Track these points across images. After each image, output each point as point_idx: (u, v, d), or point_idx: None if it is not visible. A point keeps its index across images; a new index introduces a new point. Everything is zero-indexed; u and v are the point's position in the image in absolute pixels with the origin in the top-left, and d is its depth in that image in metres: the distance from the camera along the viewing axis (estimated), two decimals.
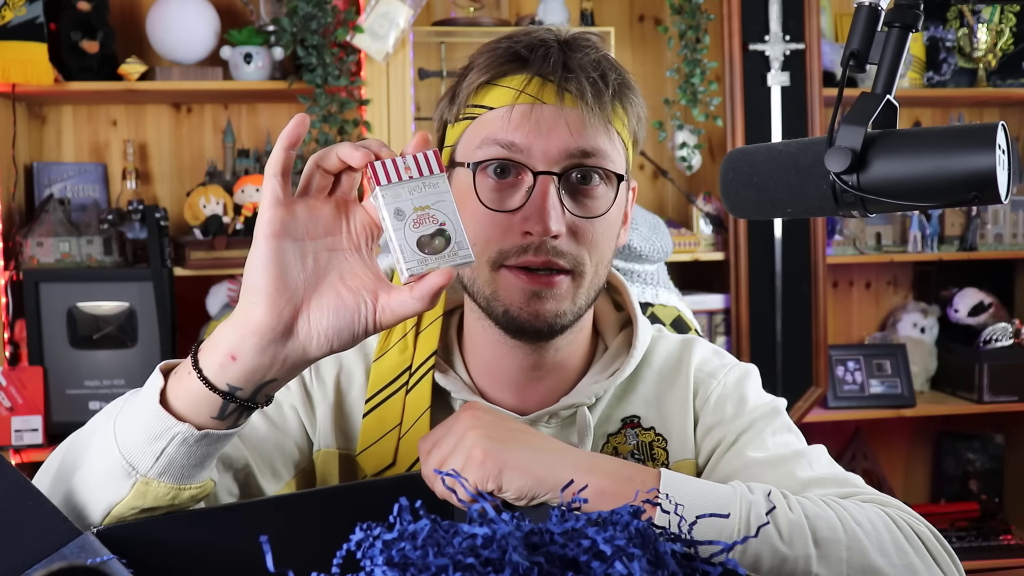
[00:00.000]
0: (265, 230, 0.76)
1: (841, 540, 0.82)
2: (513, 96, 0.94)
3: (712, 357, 1.09)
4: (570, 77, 0.93)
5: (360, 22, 2.48)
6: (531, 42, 0.96)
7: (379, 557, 0.60)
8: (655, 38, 2.97)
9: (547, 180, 0.93)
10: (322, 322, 0.78)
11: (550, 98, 0.94)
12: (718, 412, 1.04)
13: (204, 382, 0.78)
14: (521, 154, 0.94)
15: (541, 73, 0.94)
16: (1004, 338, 2.98)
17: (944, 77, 2.96)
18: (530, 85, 0.94)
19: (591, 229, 0.96)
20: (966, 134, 0.70)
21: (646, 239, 1.35)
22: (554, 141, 0.93)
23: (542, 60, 0.94)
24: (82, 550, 0.74)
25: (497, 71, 0.95)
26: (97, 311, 2.45)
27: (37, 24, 2.37)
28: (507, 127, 0.94)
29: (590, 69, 0.94)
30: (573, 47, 0.96)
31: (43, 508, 0.77)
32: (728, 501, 0.83)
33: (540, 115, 0.93)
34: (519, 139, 0.93)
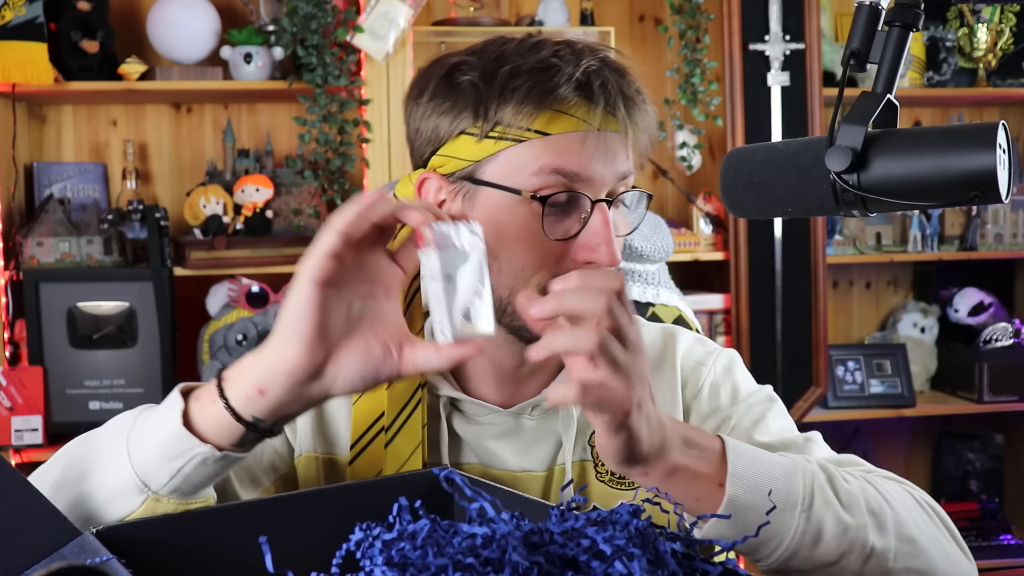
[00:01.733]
0: (313, 276, 0.77)
1: (887, 511, 0.87)
2: (577, 125, 0.92)
3: (696, 346, 1.10)
4: (631, 109, 0.95)
5: (360, 22, 2.48)
6: (588, 70, 0.93)
7: (378, 557, 0.60)
8: (655, 38, 2.97)
9: (604, 207, 0.93)
10: (349, 367, 0.80)
11: (612, 126, 0.94)
12: (713, 400, 1.06)
13: (231, 412, 0.81)
14: (582, 183, 0.93)
15: (606, 102, 0.93)
16: (1004, 338, 2.97)
17: (944, 77, 2.96)
18: (595, 116, 0.93)
19: (621, 241, 0.98)
20: (966, 134, 0.70)
21: (647, 239, 1.35)
22: (615, 169, 0.94)
23: (603, 89, 0.93)
24: (81, 550, 0.74)
25: (554, 97, 0.92)
26: (97, 311, 2.45)
27: (37, 24, 2.37)
28: (573, 158, 0.92)
29: (637, 95, 0.96)
30: (619, 71, 0.96)
31: (43, 508, 0.77)
32: (792, 469, 0.85)
33: (605, 144, 0.93)
34: (584, 168, 0.92)
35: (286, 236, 2.56)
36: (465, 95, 0.94)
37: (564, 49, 0.95)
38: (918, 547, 0.87)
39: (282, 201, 2.61)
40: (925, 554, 0.87)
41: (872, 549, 0.85)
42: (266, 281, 2.56)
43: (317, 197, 2.55)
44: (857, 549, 0.84)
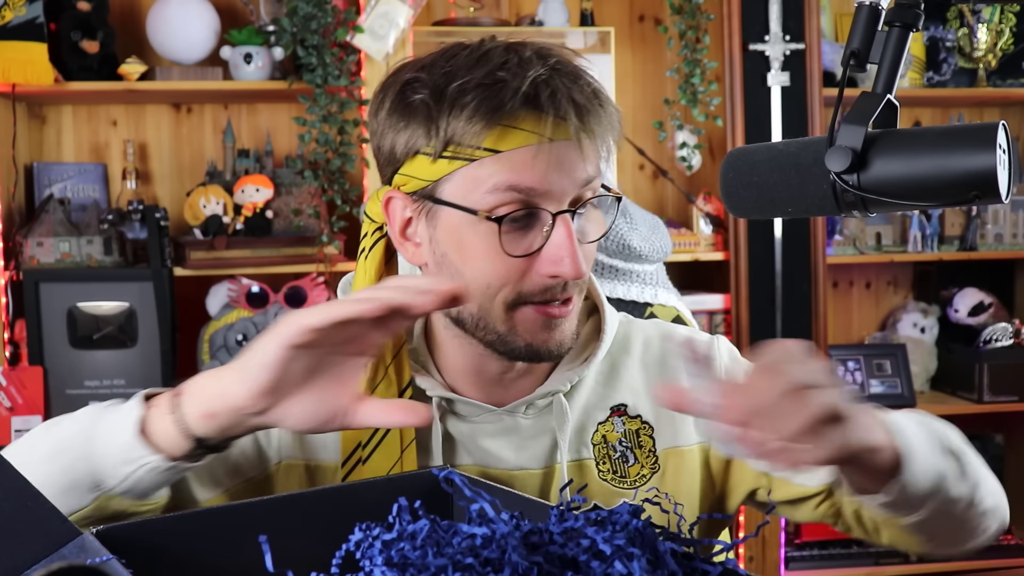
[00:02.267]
0: (288, 341, 0.78)
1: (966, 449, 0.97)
2: (527, 139, 0.90)
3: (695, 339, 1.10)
4: (581, 112, 0.91)
5: (360, 22, 2.48)
6: (536, 81, 0.90)
7: (378, 557, 0.60)
8: (655, 38, 2.97)
9: (566, 219, 0.92)
10: (298, 415, 0.82)
11: (564, 135, 0.90)
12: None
13: (181, 428, 0.83)
14: (539, 197, 0.91)
15: (555, 113, 0.90)
16: (1004, 338, 2.97)
17: (944, 77, 2.96)
18: (545, 127, 0.90)
19: (591, 250, 0.97)
20: (966, 134, 0.70)
21: (646, 239, 1.35)
22: (573, 178, 0.92)
23: (552, 99, 0.90)
24: (81, 550, 0.74)
25: (502, 113, 0.90)
26: (97, 311, 2.45)
27: (37, 24, 2.36)
28: (527, 173, 0.90)
29: (592, 98, 0.92)
30: (570, 76, 0.92)
31: (42, 508, 0.77)
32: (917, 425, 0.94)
33: (559, 155, 0.91)
34: (539, 183, 0.91)
35: (286, 236, 2.56)
36: (417, 114, 0.92)
37: (512, 58, 0.91)
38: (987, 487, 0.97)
39: (282, 201, 2.61)
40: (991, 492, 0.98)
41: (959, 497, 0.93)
42: (266, 281, 2.56)
43: (317, 197, 2.55)
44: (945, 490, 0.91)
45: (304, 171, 2.54)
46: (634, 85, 2.98)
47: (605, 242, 1.32)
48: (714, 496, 1.07)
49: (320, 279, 2.58)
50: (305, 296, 2.57)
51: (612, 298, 1.35)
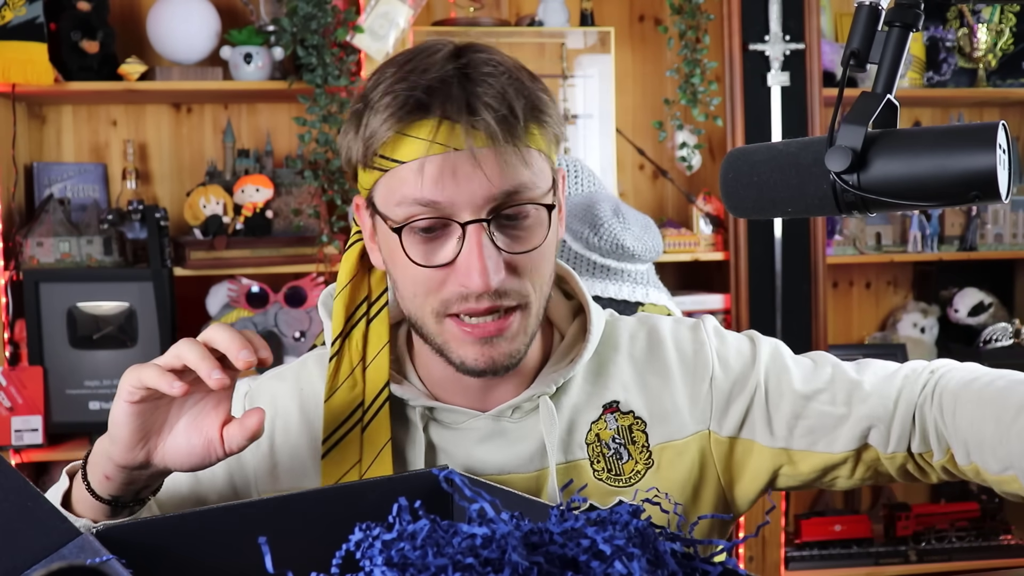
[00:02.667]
0: (125, 398, 0.84)
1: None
2: (423, 148, 0.87)
3: (679, 328, 1.07)
4: (477, 119, 0.86)
5: (360, 22, 2.48)
6: (430, 83, 0.87)
7: (378, 557, 0.59)
8: (655, 38, 2.97)
9: (476, 230, 0.88)
10: (177, 455, 0.88)
11: (460, 143, 0.87)
12: (728, 372, 1.04)
13: (91, 494, 0.89)
14: (443, 209, 0.88)
15: (447, 117, 0.86)
16: (1004, 338, 2.97)
17: (944, 77, 2.96)
18: (438, 134, 0.87)
19: (531, 260, 0.92)
20: (966, 134, 0.70)
21: (638, 239, 1.35)
22: (475, 189, 0.87)
23: (444, 102, 0.87)
24: (81, 550, 0.74)
25: (401, 121, 0.88)
26: (97, 311, 2.45)
27: (37, 24, 2.37)
28: (423, 185, 0.88)
29: (497, 103, 0.87)
30: (475, 79, 0.88)
31: (42, 508, 0.77)
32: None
33: (455, 164, 0.87)
34: (438, 195, 0.87)
35: (286, 236, 2.56)
36: (353, 123, 0.93)
37: (422, 63, 0.89)
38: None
39: (282, 201, 2.61)
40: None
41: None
42: (266, 281, 2.56)
43: (317, 197, 2.55)
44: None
45: (304, 171, 2.54)
46: (634, 85, 2.98)
47: (599, 242, 1.32)
48: (721, 486, 1.05)
49: (320, 279, 2.58)
50: (305, 296, 2.57)
51: (604, 297, 1.35)
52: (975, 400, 0.92)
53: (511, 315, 0.93)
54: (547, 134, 0.93)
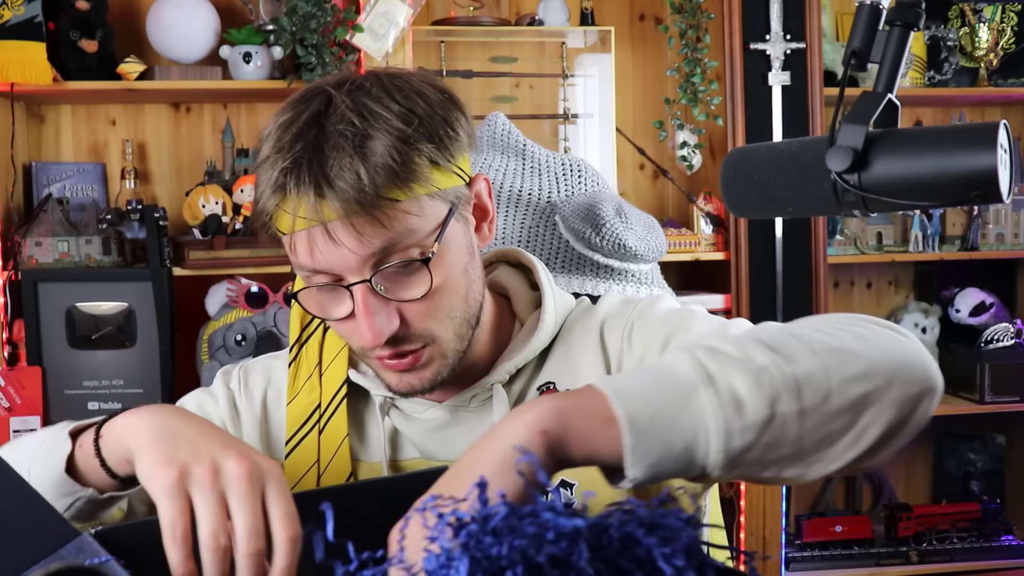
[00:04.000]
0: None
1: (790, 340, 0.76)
2: (290, 223, 0.90)
3: (618, 305, 1.06)
4: (321, 193, 0.87)
5: (360, 21, 2.48)
6: (285, 165, 0.89)
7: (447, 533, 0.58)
8: (655, 37, 2.97)
9: (360, 291, 0.91)
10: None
11: (315, 217, 0.88)
12: (639, 343, 1.01)
13: (106, 470, 0.85)
14: (327, 275, 0.92)
15: (301, 195, 0.88)
16: (1006, 338, 2.97)
17: (945, 76, 2.96)
18: (299, 209, 0.88)
19: (427, 303, 0.93)
20: (967, 133, 0.70)
21: (641, 239, 1.35)
22: (341, 257, 0.89)
23: (296, 183, 0.88)
24: (80, 551, 0.74)
25: (273, 197, 0.91)
26: (96, 311, 2.44)
27: (35, 23, 2.36)
28: (299, 256, 0.92)
29: (339, 179, 0.87)
30: (324, 152, 0.88)
31: (41, 509, 0.76)
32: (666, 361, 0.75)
33: (317, 237, 0.89)
34: (319, 264, 0.91)
35: None
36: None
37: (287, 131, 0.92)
38: (845, 354, 0.75)
39: None
40: (857, 355, 0.75)
41: (797, 379, 0.72)
42: (265, 281, 2.56)
43: None
44: (783, 389, 0.72)
45: None
46: (634, 84, 2.98)
47: (601, 242, 1.32)
48: None
49: None
50: None
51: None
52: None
53: (422, 351, 0.95)
54: (415, 179, 0.90)
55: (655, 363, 0.76)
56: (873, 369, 0.75)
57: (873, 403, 0.74)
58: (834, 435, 0.74)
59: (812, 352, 0.75)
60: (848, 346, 0.76)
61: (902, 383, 0.76)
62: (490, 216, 1.02)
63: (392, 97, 0.93)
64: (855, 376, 0.74)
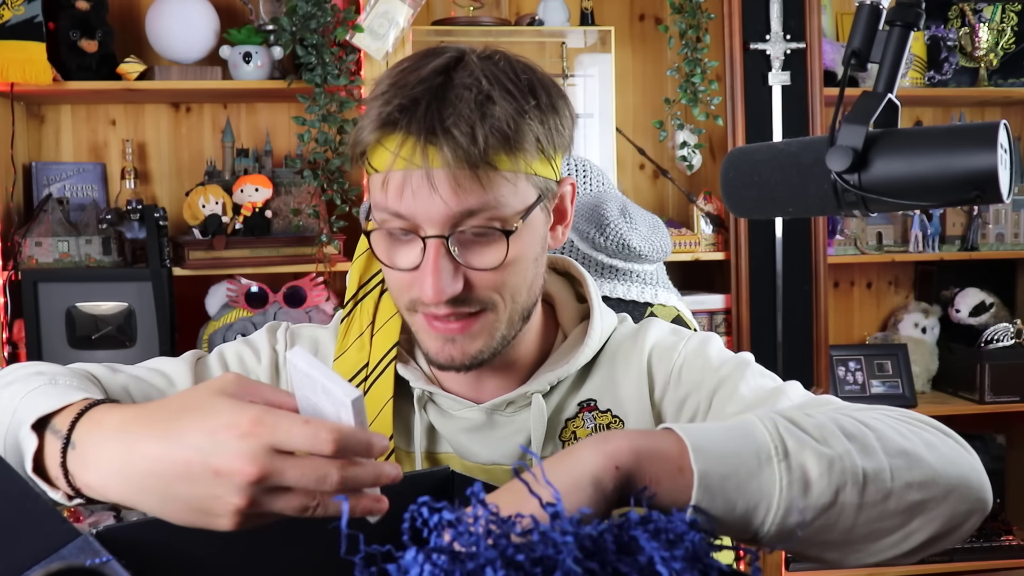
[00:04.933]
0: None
1: (867, 432, 0.79)
2: (389, 160, 0.91)
3: (668, 335, 1.07)
4: (434, 138, 0.88)
5: (360, 21, 2.48)
6: (402, 101, 0.90)
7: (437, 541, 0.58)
8: (655, 37, 2.97)
9: (435, 244, 0.91)
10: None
11: (419, 160, 0.89)
12: (688, 383, 1.02)
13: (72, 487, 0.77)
14: (408, 220, 0.92)
15: (411, 133, 0.89)
16: (1006, 338, 2.97)
17: (945, 76, 2.96)
18: (403, 148, 0.90)
19: (494, 276, 0.94)
20: (968, 133, 0.70)
21: (646, 239, 1.35)
22: (431, 208, 0.90)
23: (410, 121, 0.89)
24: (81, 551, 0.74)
25: (378, 132, 0.92)
26: (96, 311, 2.44)
27: (35, 23, 2.36)
28: (388, 196, 0.92)
29: (455, 128, 0.88)
30: (446, 100, 0.89)
31: (42, 509, 0.76)
32: (750, 424, 0.77)
33: (414, 181, 0.90)
34: (401, 208, 0.91)
35: (285, 236, 2.56)
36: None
37: (410, 75, 0.92)
38: (912, 458, 0.78)
39: (281, 201, 2.60)
40: (923, 463, 0.79)
41: (865, 474, 0.76)
42: (265, 281, 2.56)
43: (316, 197, 2.55)
44: (849, 480, 0.75)
45: (303, 171, 2.54)
46: (634, 84, 2.98)
47: (605, 242, 1.32)
48: None
49: (319, 279, 2.57)
50: (304, 296, 2.57)
51: (612, 298, 1.35)
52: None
53: (476, 317, 0.95)
54: (521, 155, 0.92)
55: (737, 422, 0.78)
56: (934, 479, 0.79)
57: (926, 511, 0.78)
58: (883, 532, 0.77)
59: (885, 450, 0.78)
60: (917, 451, 0.80)
61: (956, 498, 0.79)
62: (567, 221, 1.04)
63: (519, 75, 0.94)
64: (917, 482, 0.78)
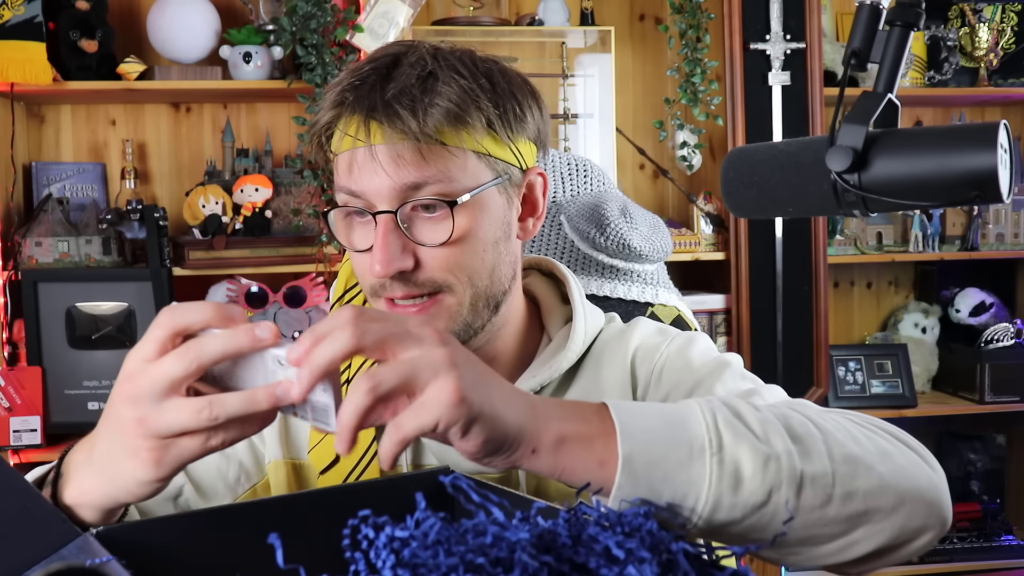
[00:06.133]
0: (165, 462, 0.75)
1: (815, 434, 0.76)
2: (342, 142, 0.94)
3: (653, 335, 1.06)
4: (375, 114, 0.90)
5: (360, 21, 2.48)
6: (353, 81, 0.93)
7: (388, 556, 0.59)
8: (655, 37, 2.97)
9: (384, 220, 0.92)
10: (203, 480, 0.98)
11: (363, 138, 0.91)
12: (668, 382, 1.01)
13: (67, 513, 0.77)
14: (360, 199, 0.94)
15: (356, 112, 0.92)
16: (1005, 338, 2.97)
17: (945, 76, 2.96)
18: (349, 126, 0.92)
19: (445, 253, 0.94)
20: (968, 133, 0.70)
21: (646, 239, 1.35)
22: (376, 181, 0.92)
23: (356, 99, 0.92)
24: (81, 551, 0.74)
25: (333, 114, 0.94)
26: (96, 311, 2.44)
27: (36, 23, 2.36)
28: (344, 175, 0.94)
29: (397, 102, 0.90)
30: (393, 77, 0.91)
31: (42, 509, 0.76)
32: (687, 412, 0.74)
33: (361, 159, 0.92)
34: (354, 185, 0.93)
35: (285, 236, 2.56)
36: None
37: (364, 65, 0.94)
38: (861, 466, 0.75)
39: (281, 201, 2.61)
40: (872, 472, 0.75)
41: (803, 476, 0.73)
42: (265, 281, 2.56)
43: (316, 197, 2.55)
44: (785, 480, 0.72)
45: (303, 171, 2.54)
46: (634, 84, 2.98)
47: (605, 242, 1.32)
48: None
49: (319, 279, 2.57)
50: (304, 296, 2.57)
51: (612, 298, 1.34)
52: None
53: (433, 300, 0.95)
54: (470, 132, 0.93)
55: (675, 409, 0.75)
56: (882, 490, 0.75)
57: (870, 522, 0.75)
58: (822, 539, 0.75)
59: (829, 454, 0.75)
60: (867, 459, 0.76)
61: (907, 512, 0.76)
62: (538, 213, 1.03)
63: (474, 63, 0.96)
64: (862, 491, 0.75)
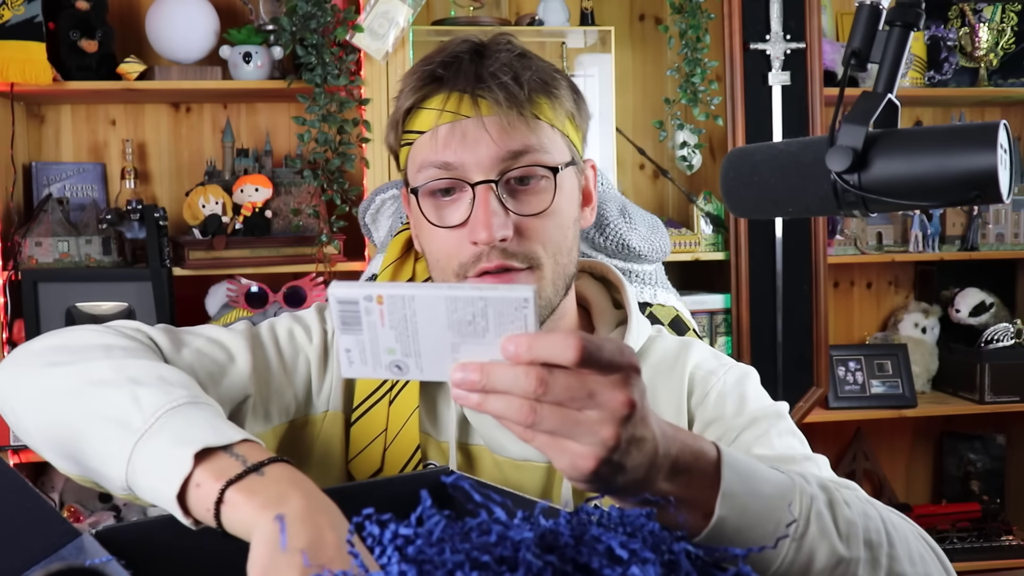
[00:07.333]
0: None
1: (884, 545, 0.81)
2: (435, 117, 0.97)
3: (710, 358, 1.09)
4: (482, 86, 0.96)
5: (360, 21, 2.48)
6: (444, 60, 0.98)
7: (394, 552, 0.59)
8: (655, 37, 2.97)
9: (484, 189, 0.96)
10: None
11: (468, 110, 0.96)
12: (718, 409, 1.04)
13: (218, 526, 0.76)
14: (456, 171, 0.97)
15: (456, 88, 0.97)
16: (1006, 338, 2.97)
17: (945, 76, 2.96)
18: (448, 102, 0.97)
19: (540, 224, 0.98)
20: (967, 133, 0.70)
21: (645, 239, 1.35)
22: (482, 150, 0.96)
23: (455, 75, 0.97)
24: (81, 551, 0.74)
25: (419, 95, 0.99)
26: (96, 311, 2.44)
27: (35, 23, 2.36)
28: (436, 148, 0.97)
29: (501, 73, 0.96)
30: (484, 54, 0.98)
31: (42, 509, 0.76)
32: (788, 490, 0.77)
33: (463, 129, 0.96)
34: (449, 157, 0.97)
35: (285, 236, 2.56)
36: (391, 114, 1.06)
37: (442, 49, 1.00)
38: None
39: (281, 201, 2.60)
40: None
41: None
42: (265, 281, 2.56)
43: (316, 197, 2.55)
44: None
45: (303, 171, 2.54)
46: (634, 84, 2.98)
47: (604, 242, 1.32)
48: None
49: (319, 279, 2.57)
50: (304, 296, 2.57)
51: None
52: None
53: (520, 273, 0.98)
54: (558, 109, 1.00)
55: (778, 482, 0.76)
56: None
57: None
58: None
59: (889, 569, 0.80)
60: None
61: None
62: (592, 203, 1.09)
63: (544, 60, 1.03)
64: None
